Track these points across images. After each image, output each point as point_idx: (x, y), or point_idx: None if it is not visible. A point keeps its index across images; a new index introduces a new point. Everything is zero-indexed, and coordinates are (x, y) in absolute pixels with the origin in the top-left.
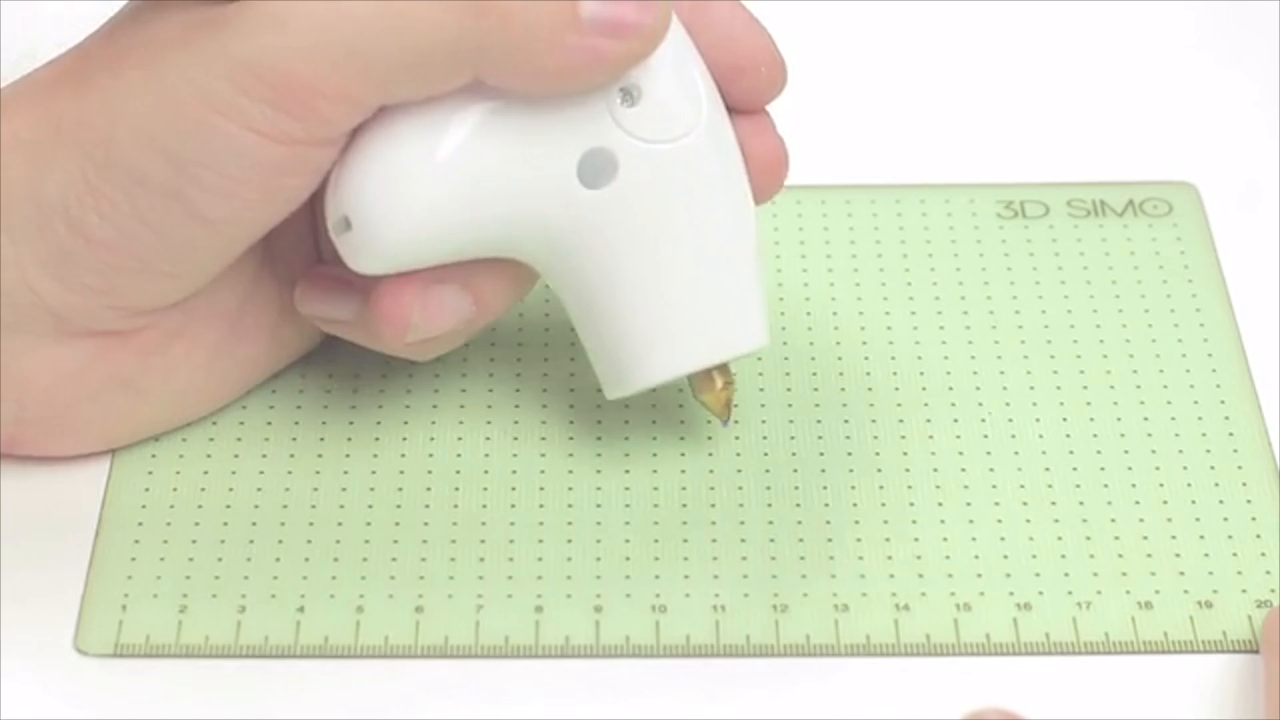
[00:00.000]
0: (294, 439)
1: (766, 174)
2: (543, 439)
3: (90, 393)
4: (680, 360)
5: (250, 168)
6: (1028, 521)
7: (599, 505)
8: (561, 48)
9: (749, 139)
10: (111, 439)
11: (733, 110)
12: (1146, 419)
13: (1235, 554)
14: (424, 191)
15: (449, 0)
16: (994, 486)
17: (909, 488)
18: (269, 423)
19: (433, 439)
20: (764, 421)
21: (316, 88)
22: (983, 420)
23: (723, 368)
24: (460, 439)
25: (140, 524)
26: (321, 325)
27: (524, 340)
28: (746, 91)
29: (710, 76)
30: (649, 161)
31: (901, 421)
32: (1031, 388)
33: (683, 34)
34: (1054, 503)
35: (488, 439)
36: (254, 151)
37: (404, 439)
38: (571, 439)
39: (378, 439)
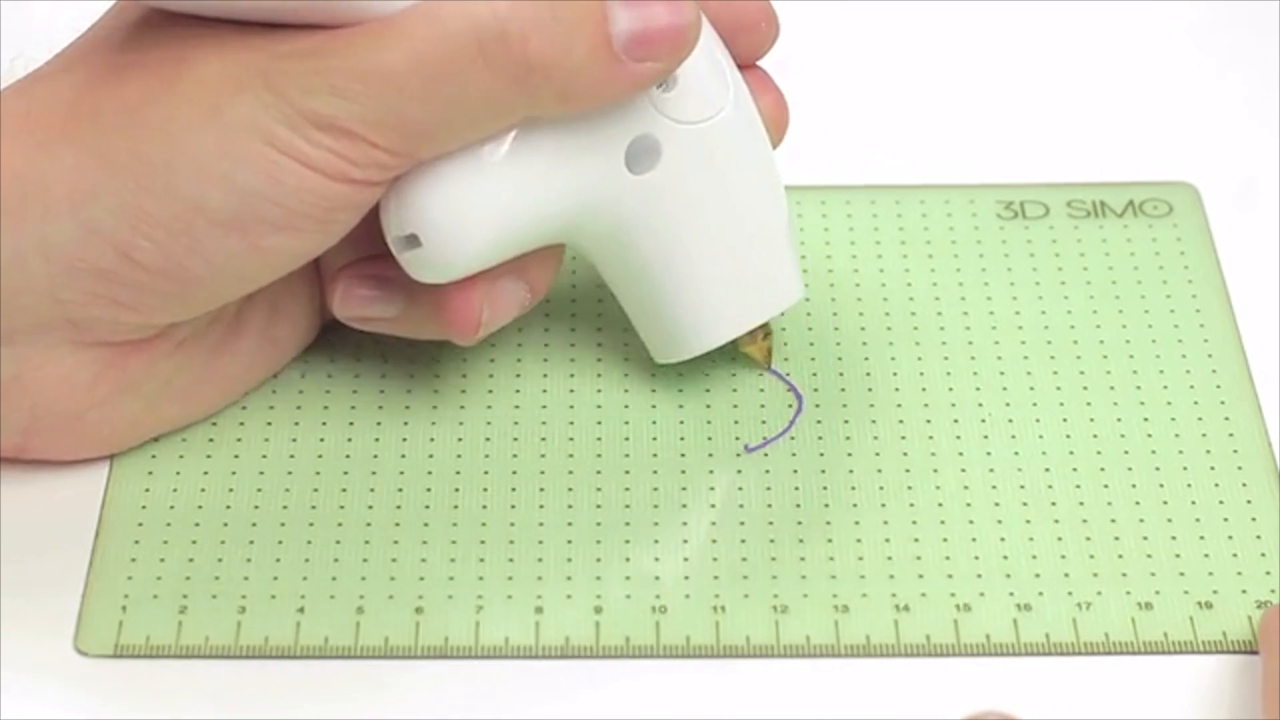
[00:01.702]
0: (294, 439)
1: (776, 127)
2: (543, 439)
3: (99, 400)
4: (730, 325)
5: (310, 202)
6: (1028, 522)
7: (599, 505)
8: (604, 82)
9: (759, 97)
10: (114, 444)
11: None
12: (1146, 419)
13: (1235, 554)
14: (487, 202)
15: (494, 67)
16: (994, 487)
17: (909, 488)
18: (269, 423)
19: (433, 439)
20: (764, 423)
21: (374, 144)
22: (983, 420)
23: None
24: (460, 439)
25: (140, 524)
26: (358, 325)
27: (523, 341)
28: (748, 48)
29: (724, 45)
30: (690, 141)
31: (901, 422)
32: (1031, 388)
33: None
34: (1054, 503)
35: (488, 439)
36: (314, 186)
37: (404, 439)
38: (571, 440)
39: (377, 439)
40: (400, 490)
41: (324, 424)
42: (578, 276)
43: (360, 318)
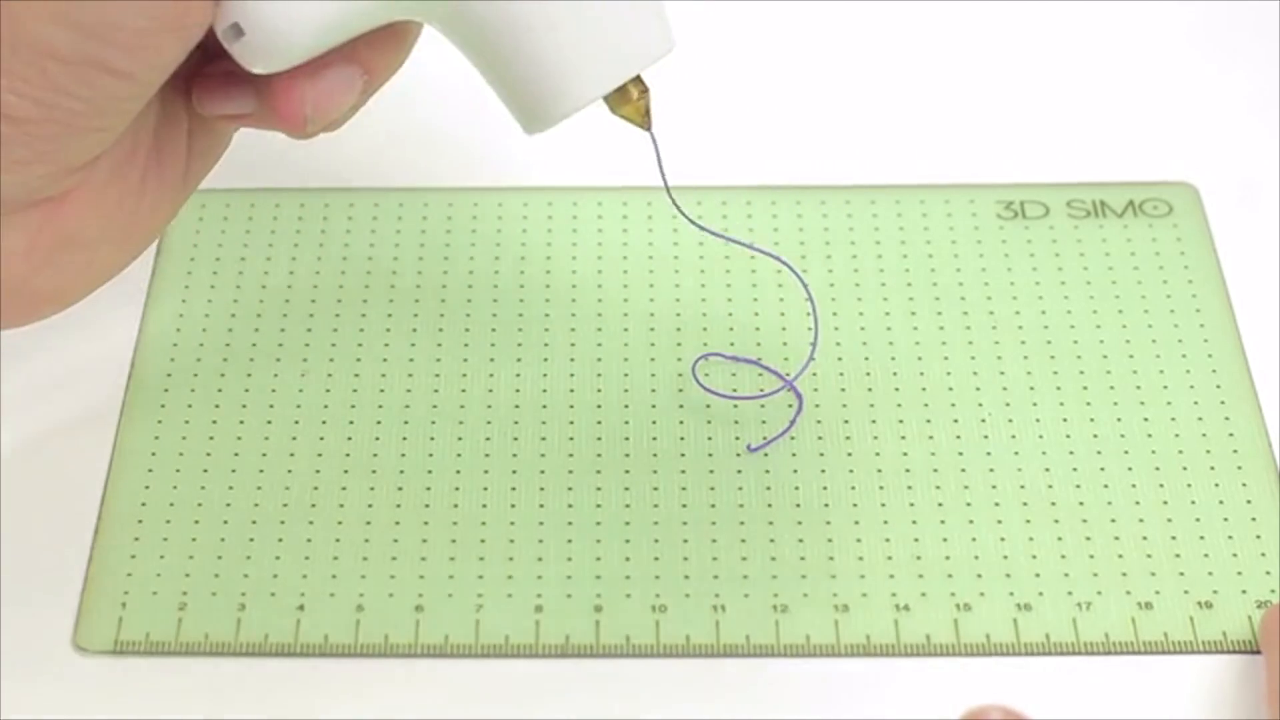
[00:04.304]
0: (294, 438)
1: None
2: (543, 439)
3: (41, 263)
4: (597, 82)
5: (156, 14)
6: (1028, 521)
7: (599, 505)
8: None
9: None
10: (66, 299)
11: None
12: (1146, 419)
13: (1235, 554)
14: None
15: None
16: (994, 487)
17: (909, 488)
18: (269, 422)
19: (433, 439)
20: (764, 422)
21: None
22: (983, 420)
23: (636, 78)
24: (460, 439)
25: (140, 521)
26: (226, 123)
27: (523, 340)
28: None
29: None
30: None
31: (901, 422)
32: (1031, 388)
33: None
34: (1054, 503)
35: (487, 439)
36: None
37: (404, 439)
38: (571, 439)
39: (378, 439)
40: (400, 490)
41: (324, 423)
42: (577, 276)
43: (219, 115)
